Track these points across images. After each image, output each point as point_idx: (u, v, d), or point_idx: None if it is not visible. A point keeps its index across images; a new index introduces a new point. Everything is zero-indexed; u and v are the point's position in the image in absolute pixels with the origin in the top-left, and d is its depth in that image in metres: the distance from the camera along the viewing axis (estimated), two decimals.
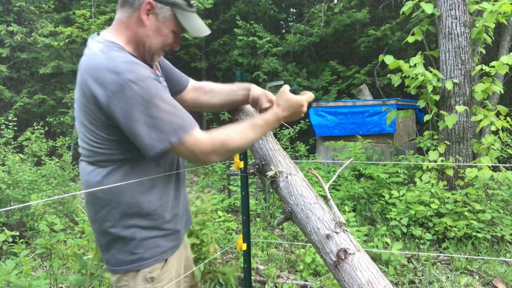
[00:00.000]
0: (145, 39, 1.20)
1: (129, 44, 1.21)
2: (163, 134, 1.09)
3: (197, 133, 1.15)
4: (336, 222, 1.10)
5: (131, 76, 1.07)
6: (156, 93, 1.10)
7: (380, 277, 0.98)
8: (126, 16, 1.19)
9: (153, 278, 1.26)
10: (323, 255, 1.08)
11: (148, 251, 1.23)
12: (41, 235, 2.73)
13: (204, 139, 1.15)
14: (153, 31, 1.20)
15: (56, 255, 2.91)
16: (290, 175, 1.24)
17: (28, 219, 4.18)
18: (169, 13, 1.19)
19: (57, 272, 3.02)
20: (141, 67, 1.12)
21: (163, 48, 1.25)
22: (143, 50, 1.22)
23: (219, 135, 1.18)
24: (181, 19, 1.20)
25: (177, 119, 1.11)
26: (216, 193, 5.24)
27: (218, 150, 1.17)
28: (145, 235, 1.22)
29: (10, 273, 2.41)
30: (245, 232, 1.69)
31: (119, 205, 1.20)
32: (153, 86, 1.10)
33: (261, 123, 1.24)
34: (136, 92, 1.07)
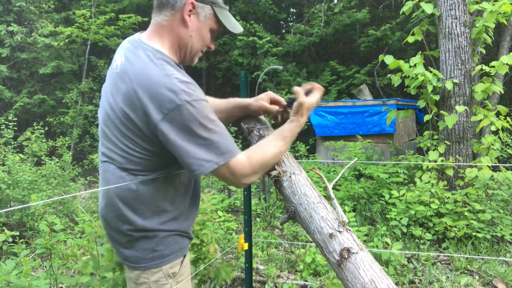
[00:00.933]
0: (188, 40, 1.20)
1: (172, 50, 1.21)
2: (212, 155, 1.11)
3: (241, 156, 1.16)
4: (339, 221, 1.10)
5: (188, 97, 1.07)
6: (208, 115, 1.11)
7: (383, 276, 0.98)
8: (166, 19, 1.18)
9: (175, 273, 1.29)
10: (326, 254, 1.08)
11: (169, 248, 1.26)
12: (41, 235, 2.72)
13: (245, 162, 1.16)
14: (195, 32, 1.20)
15: (56, 255, 2.91)
16: (294, 175, 1.23)
17: (28, 219, 4.18)
18: (209, 11, 1.20)
19: (57, 272, 3.02)
20: (196, 88, 1.13)
21: (202, 49, 1.26)
22: (184, 53, 1.22)
23: (256, 155, 1.19)
24: (220, 17, 1.21)
25: (226, 142, 1.13)
26: (216, 193, 5.24)
27: (257, 170, 1.20)
28: (164, 235, 1.25)
29: (10, 273, 2.40)
30: (247, 231, 1.69)
31: (144, 212, 1.22)
32: (205, 108, 1.11)
33: (289, 135, 1.25)
34: (191, 113, 1.07)
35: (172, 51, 1.21)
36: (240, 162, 1.15)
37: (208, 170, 1.11)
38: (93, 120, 8.71)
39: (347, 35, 9.89)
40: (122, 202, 1.22)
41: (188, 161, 1.11)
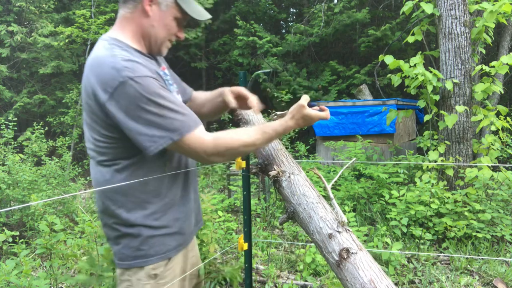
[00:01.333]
0: (151, 30, 1.22)
1: (134, 39, 1.23)
2: (164, 131, 1.10)
3: (201, 132, 1.15)
4: (338, 221, 1.10)
5: (131, 73, 1.08)
6: (156, 91, 1.10)
7: (382, 276, 0.98)
8: (129, 11, 1.21)
9: (156, 275, 1.27)
10: (326, 254, 1.08)
11: (153, 248, 1.25)
12: (41, 235, 2.72)
13: (208, 139, 1.16)
14: (157, 21, 1.22)
15: (56, 255, 2.91)
16: (293, 175, 1.24)
17: (28, 219, 4.18)
18: (170, 0, 1.22)
19: (57, 272, 3.02)
20: (141, 66, 1.13)
21: (169, 38, 1.27)
22: (149, 43, 1.24)
23: (223, 138, 1.18)
24: (182, 4, 1.22)
25: (179, 117, 1.12)
26: (216, 193, 5.24)
27: (222, 152, 1.17)
28: (151, 233, 1.24)
29: (10, 273, 2.40)
30: (247, 231, 1.69)
31: (125, 204, 1.22)
32: (153, 84, 1.11)
33: (269, 132, 1.24)
34: (136, 90, 1.08)
35: (135, 40, 1.23)
36: (201, 138, 1.14)
37: (162, 145, 1.11)
38: None
39: (347, 35, 9.88)
40: (104, 196, 1.24)
41: (139, 139, 1.10)
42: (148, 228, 1.24)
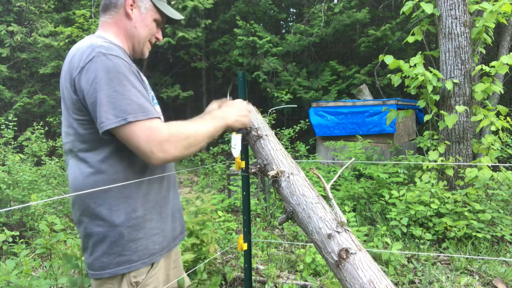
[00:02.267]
0: (134, 31, 1.29)
1: (117, 38, 1.28)
2: (121, 110, 1.07)
3: (157, 121, 1.13)
4: (337, 221, 1.10)
5: (105, 50, 1.12)
6: (124, 71, 1.11)
7: (382, 277, 0.98)
8: (111, 17, 1.29)
9: (138, 282, 1.23)
10: (325, 254, 1.08)
11: (136, 253, 1.21)
12: (41, 235, 2.73)
13: (163, 128, 1.12)
14: (139, 23, 1.30)
15: (56, 255, 2.91)
16: (292, 175, 1.24)
17: (28, 219, 4.18)
18: (149, 3, 1.31)
19: (57, 272, 3.02)
20: (118, 49, 1.17)
21: (150, 39, 1.35)
22: (132, 44, 1.32)
23: (180, 129, 1.15)
24: (160, 7, 1.33)
25: (140, 101, 1.10)
26: (216, 193, 5.24)
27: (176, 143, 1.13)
28: (132, 236, 1.20)
29: (10, 273, 2.40)
30: (246, 231, 1.69)
31: (106, 200, 1.18)
32: (123, 65, 1.12)
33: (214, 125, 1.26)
34: (106, 64, 1.09)
35: (119, 40, 1.29)
36: (156, 126, 1.11)
37: (115, 124, 1.07)
38: None
39: (347, 35, 9.88)
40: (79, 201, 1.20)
41: (98, 114, 1.08)
42: (130, 228, 1.19)
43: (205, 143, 1.22)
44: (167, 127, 1.14)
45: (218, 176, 6.11)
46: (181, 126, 1.17)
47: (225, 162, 6.44)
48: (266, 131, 1.43)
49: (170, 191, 1.36)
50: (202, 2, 8.42)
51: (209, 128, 1.22)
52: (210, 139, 1.23)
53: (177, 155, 1.13)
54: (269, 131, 1.45)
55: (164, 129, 1.12)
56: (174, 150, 1.12)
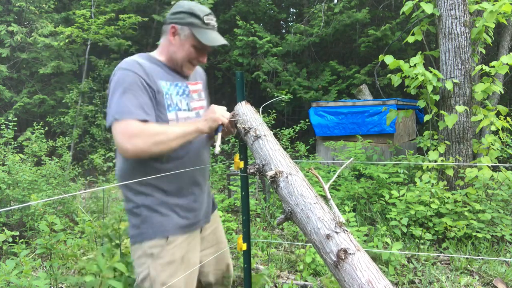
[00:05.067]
0: (173, 54, 1.59)
1: (161, 56, 1.61)
2: (113, 112, 1.38)
3: (134, 121, 1.36)
4: (336, 222, 1.10)
5: (121, 65, 1.47)
6: (127, 81, 1.42)
7: (380, 277, 0.98)
8: (163, 40, 1.62)
9: (153, 254, 1.48)
10: (323, 255, 1.08)
11: (152, 227, 1.49)
12: (41, 235, 2.72)
13: (137, 126, 1.36)
14: (178, 47, 1.57)
15: (56, 255, 2.91)
16: (290, 175, 1.23)
17: (28, 219, 4.18)
18: (188, 31, 1.55)
19: (57, 272, 3.02)
20: (136, 64, 1.47)
21: (189, 61, 1.60)
22: (172, 63, 1.61)
23: (155, 128, 1.39)
24: (197, 35, 1.54)
25: (128, 105, 1.38)
26: (216, 193, 5.24)
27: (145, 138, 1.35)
28: (149, 214, 1.49)
29: (10, 273, 2.40)
30: (245, 232, 1.69)
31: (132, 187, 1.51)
32: (129, 76, 1.43)
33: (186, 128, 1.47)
34: (118, 77, 1.44)
35: (164, 57, 1.62)
36: (132, 124, 1.35)
37: (109, 123, 1.40)
38: (93, 120, 8.71)
39: (347, 35, 9.87)
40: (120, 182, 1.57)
41: (107, 113, 1.43)
42: (148, 208, 1.49)
43: (176, 143, 1.42)
44: (141, 125, 1.37)
45: (218, 176, 6.11)
46: (154, 126, 1.41)
47: (225, 162, 6.43)
48: (265, 131, 1.43)
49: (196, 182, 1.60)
50: (202, 2, 8.42)
51: (177, 130, 1.43)
52: (181, 139, 1.43)
53: (145, 149, 1.36)
54: (268, 131, 1.45)
55: (137, 126, 1.36)
56: (142, 144, 1.35)
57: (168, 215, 1.50)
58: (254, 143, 1.41)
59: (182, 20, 1.55)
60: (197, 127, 1.47)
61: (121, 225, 2.64)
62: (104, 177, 5.75)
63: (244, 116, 1.51)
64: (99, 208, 4.75)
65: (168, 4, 8.79)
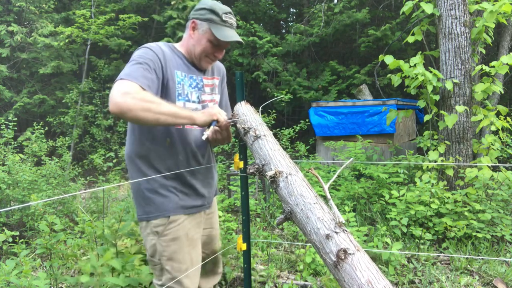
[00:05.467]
0: (191, 47, 1.69)
1: (182, 48, 1.73)
2: (121, 74, 1.45)
3: (136, 84, 1.41)
4: (336, 222, 1.10)
5: (147, 45, 1.60)
6: (145, 59, 1.52)
7: (380, 277, 0.98)
8: (185, 35, 1.74)
9: (158, 232, 1.63)
10: (323, 255, 1.08)
11: (153, 207, 1.63)
12: (41, 235, 2.72)
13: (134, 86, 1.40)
14: (196, 41, 1.67)
15: (56, 255, 2.91)
16: (290, 175, 1.23)
17: (28, 219, 4.18)
18: (206, 27, 1.64)
19: (57, 272, 3.02)
20: (159, 49, 1.59)
21: (206, 55, 1.68)
22: (191, 56, 1.70)
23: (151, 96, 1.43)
24: (213, 31, 1.62)
25: (136, 73, 1.46)
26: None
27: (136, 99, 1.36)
28: (151, 195, 1.63)
29: (10, 273, 2.40)
30: (245, 232, 1.69)
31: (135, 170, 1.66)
32: (143, 51, 1.55)
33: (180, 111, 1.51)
34: (139, 51, 1.57)
35: (184, 50, 1.73)
36: (131, 83, 1.40)
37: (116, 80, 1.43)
38: (93, 120, 8.71)
39: (347, 35, 9.87)
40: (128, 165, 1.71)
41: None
42: (149, 189, 1.63)
43: (165, 119, 1.43)
44: (139, 88, 1.41)
45: (218, 176, 6.10)
46: (151, 94, 1.44)
47: (225, 162, 6.44)
48: (264, 131, 1.43)
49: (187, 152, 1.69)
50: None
51: (171, 108, 1.45)
52: (171, 118, 1.44)
53: (132, 109, 1.34)
54: (267, 131, 1.45)
55: (135, 87, 1.40)
56: (132, 104, 1.34)
57: (168, 196, 1.63)
58: (253, 143, 1.41)
59: (202, 16, 1.65)
60: (191, 115, 1.52)
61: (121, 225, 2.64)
62: (104, 177, 5.75)
63: (243, 116, 1.51)
64: (99, 208, 4.75)
65: (168, 4, 8.78)
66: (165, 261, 1.63)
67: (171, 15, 8.29)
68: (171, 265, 1.63)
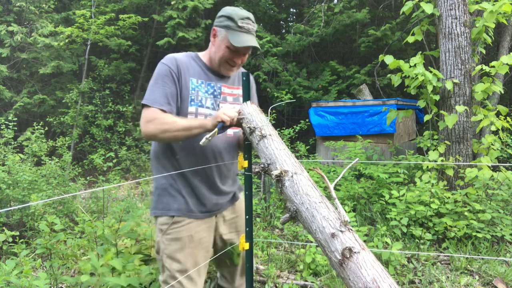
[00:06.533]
0: (212, 54, 1.75)
1: (205, 56, 1.80)
2: (145, 97, 1.63)
3: (155, 109, 1.59)
4: (341, 221, 1.10)
5: (162, 60, 1.71)
6: (161, 73, 1.66)
7: (385, 276, 0.98)
8: (210, 43, 1.78)
9: (162, 230, 1.71)
10: (328, 253, 1.08)
11: (161, 205, 1.73)
12: (41, 235, 2.72)
13: (154, 113, 1.58)
14: (216, 48, 1.73)
15: (56, 255, 2.90)
16: (296, 174, 1.24)
17: (28, 219, 4.17)
18: (224, 33, 1.69)
19: (57, 272, 3.02)
20: (173, 59, 1.70)
21: (225, 61, 1.72)
22: (212, 63, 1.77)
23: (167, 118, 1.58)
24: (229, 36, 1.67)
25: (155, 94, 1.63)
26: None
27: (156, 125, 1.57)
28: (162, 193, 1.73)
29: (10, 273, 2.40)
30: (248, 231, 1.69)
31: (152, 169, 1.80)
32: (163, 69, 1.67)
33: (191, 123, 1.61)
34: (156, 69, 1.69)
35: (206, 58, 1.80)
36: (151, 110, 1.59)
37: (141, 103, 1.66)
38: (93, 120, 8.70)
39: (347, 35, 9.88)
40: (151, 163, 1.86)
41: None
42: (161, 188, 1.73)
43: (182, 134, 1.58)
44: (158, 113, 1.58)
45: None
46: (168, 116, 1.59)
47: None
48: (270, 131, 1.43)
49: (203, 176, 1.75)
50: (202, 2, 8.42)
51: (184, 123, 1.58)
52: (186, 132, 1.58)
53: (154, 134, 1.59)
54: (273, 131, 1.45)
55: (154, 114, 1.58)
56: (153, 130, 1.58)
57: (175, 197, 1.71)
58: (259, 143, 1.41)
59: (221, 23, 1.71)
60: (201, 122, 1.59)
61: (121, 225, 2.64)
62: (104, 177, 5.74)
63: (249, 115, 1.51)
64: (99, 208, 4.75)
65: (168, 4, 8.78)
66: (165, 259, 1.70)
67: (171, 15, 8.29)
68: (170, 263, 1.69)
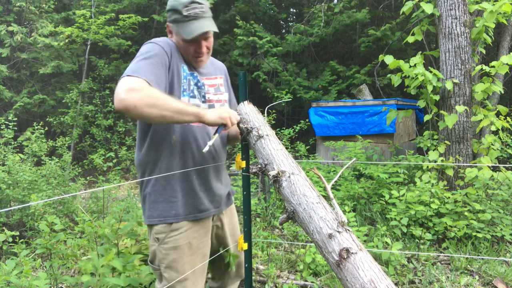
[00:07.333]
0: (180, 50, 1.60)
1: None
2: (127, 70, 1.38)
3: (143, 79, 1.34)
4: (338, 221, 1.10)
5: (154, 39, 1.54)
6: (153, 54, 1.46)
7: (383, 276, 0.98)
8: None
9: (159, 239, 1.58)
10: (326, 254, 1.08)
11: (156, 212, 1.59)
12: (41, 235, 2.72)
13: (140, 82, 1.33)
14: (178, 45, 1.59)
15: (56, 255, 2.91)
16: (293, 175, 1.23)
17: (28, 219, 4.18)
18: (176, 28, 1.56)
19: (57, 272, 3.02)
20: (167, 43, 1.54)
21: (192, 55, 1.59)
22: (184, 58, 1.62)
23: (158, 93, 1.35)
24: (180, 31, 1.53)
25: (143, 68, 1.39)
26: None
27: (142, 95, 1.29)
28: (155, 199, 1.59)
29: (10, 273, 2.40)
30: (246, 231, 1.69)
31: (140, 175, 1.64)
32: (157, 51, 1.48)
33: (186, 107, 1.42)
34: (146, 46, 1.50)
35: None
36: (137, 79, 1.33)
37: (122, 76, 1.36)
38: (93, 120, 8.71)
39: (347, 35, 9.87)
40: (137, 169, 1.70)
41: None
42: (154, 194, 1.59)
43: (170, 115, 1.34)
44: (146, 84, 1.34)
45: None
46: (158, 90, 1.36)
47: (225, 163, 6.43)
48: (267, 131, 1.43)
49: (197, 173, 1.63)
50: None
51: (177, 104, 1.37)
52: (177, 114, 1.36)
53: (137, 105, 1.27)
54: (270, 131, 1.45)
55: (141, 83, 1.32)
56: (137, 99, 1.27)
57: (172, 202, 1.57)
58: (256, 143, 1.41)
59: (169, 18, 1.57)
60: (198, 111, 1.42)
61: (121, 225, 2.64)
62: (104, 177, 5.74)
63: (246, 115, 1.51)
64: (99, 208, 4.75)
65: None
66: (164, 269, 1.59)
67: None
68: (169, 273, 1.58)
